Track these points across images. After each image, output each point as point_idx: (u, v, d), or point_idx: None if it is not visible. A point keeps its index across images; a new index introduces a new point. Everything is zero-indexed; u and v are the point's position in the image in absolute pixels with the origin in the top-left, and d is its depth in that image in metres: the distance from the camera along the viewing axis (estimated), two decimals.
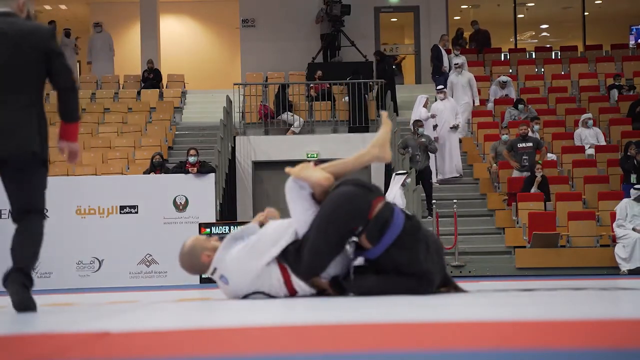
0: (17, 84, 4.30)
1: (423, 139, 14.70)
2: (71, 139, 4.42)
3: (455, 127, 15.78)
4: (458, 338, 2.47)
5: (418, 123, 15.08)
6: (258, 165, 16.80)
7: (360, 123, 17.28)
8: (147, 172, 13.94)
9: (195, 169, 13.35)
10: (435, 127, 15.72)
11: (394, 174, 13.12)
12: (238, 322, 3.34)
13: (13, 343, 2.75)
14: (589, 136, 16.00)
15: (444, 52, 18.40)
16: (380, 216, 4.50)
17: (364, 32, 20.59)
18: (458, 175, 15.71)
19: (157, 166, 13.83)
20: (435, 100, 16.30)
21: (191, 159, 13.41)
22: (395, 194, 12.36)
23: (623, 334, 2.53)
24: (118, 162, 15.58)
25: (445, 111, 15.86)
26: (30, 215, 4.46)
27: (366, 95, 17.55)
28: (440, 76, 18.04)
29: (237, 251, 4.65)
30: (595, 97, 17.93)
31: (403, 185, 12.77)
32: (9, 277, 4.26)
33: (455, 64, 17.30)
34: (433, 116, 15.64)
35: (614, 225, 13.02)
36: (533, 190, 14.13)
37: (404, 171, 13.14)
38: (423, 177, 14.52)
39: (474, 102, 17.33)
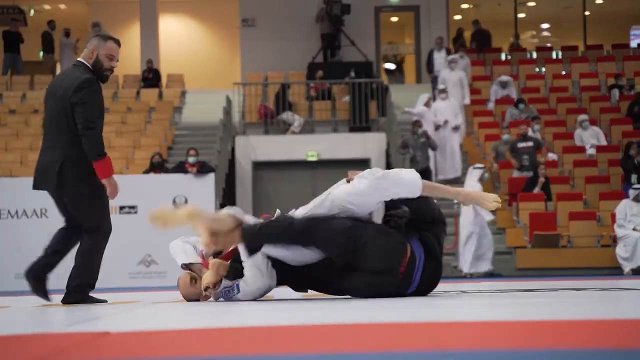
0: (55, 131, 5.32)
1: (422, 139, 14.68)
2: (100, 176, 5.27)
3: (456, 128, 15.73)
4: (458, 338, 2.46)
5: (417, 123, 15.05)
6: (258, 165, 16.81)
7: (361, 123, 17.30)
8: (146, 172, 13.93)
9: (194, 169, 13.33)
10: (437, 128, 15.70)
11: (470, 168, 13.02)
12: (238, 322, 3.34)
13: (13, 343, 2.75)
14: (589, 137, 15.99)
15: (437, 54, 18.30)
16: (403, 284, 4.61)
17: (364, 32, 20.58)
18: (458, 175, 15.70)
19: (157, 166, 13.82)
20: (435, 99, 16.27)
21: (191, 159, 13.40)
22: (470, 188, 12.36)
23: (623, 334, 2.53)
24: (117, 162, 15.56)
25: (446, 111, 15.82)
26: (82, 234, 5.47)
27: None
28: (433, 78, 18.08)
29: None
30: (596, 97, 17.93)
31: (480, 180, 12.70)
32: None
33: (449, 60, 17.22)
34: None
35: (615, 225, 13.00)
36: (536, 190, 14.12)
37: (481, 165, 13.03)
38: (423, 177, 14.48)
39: (466, 104, 17.24)
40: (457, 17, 23.05)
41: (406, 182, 4.61)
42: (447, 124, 15.72)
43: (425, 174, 14.58)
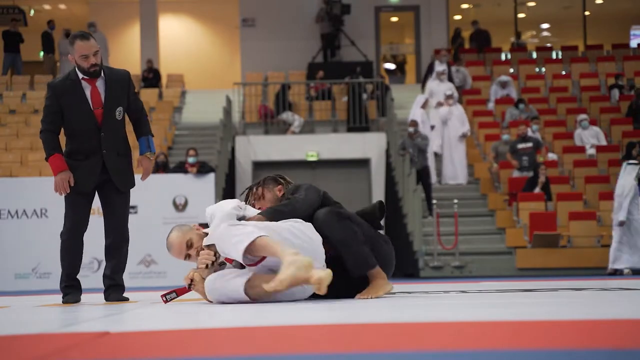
0: None
1: (418, 140, 14.67)
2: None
3: (464, 135, 15.49)
4: (458, 338, 2.46)
5: (411, 123, 15.04)
6: (258, 165, 16.81)
7: (359, 123, 17.29)
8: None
9: (194, 168, 13.34)
10: (433, 127, 15.62)
11: (624, 164, 12.70)
12: (238, 322, 3.34)
13: (13, 343, 2.75)
14: (589, 136, 15.99)
15: (438, 66, 17.78)
16: None
17: (364, 32, 20.60)
18: (462, 182, 15.57)
19: (161, 166, 13.83)
20: (442, 105, 15.98)
21: (190, 160, 13.40)
22: (625, 185, 12.17)
23: (623, 334, 2.53)
24: None
25: (453, 118, 15.59)
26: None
27: (364, 95, 17.54)
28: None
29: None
30: (596, 97, 17.93)
31: (637, 177, 12.39)
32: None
33: (437, 71, 16.71)
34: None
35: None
36: (537, 190, 14.11)
37: (636, 162, 12.73)
38: (421, 177, 14.48)
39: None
40: (457, 17, 23.06)
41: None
42: (452, 131, 15.51)
43: (422, 174, 14.55)
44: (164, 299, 4.74)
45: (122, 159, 5.57)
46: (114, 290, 5.61)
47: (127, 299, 5.59)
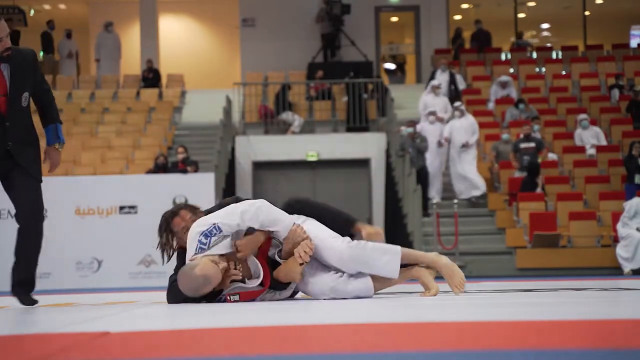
0: None
1: (417, 141, 14.66)
2: None
3: (465, 146, 14.80)
4: (458, 338, 2.46)
5: (408, 123, 15.00)
6: (258, 165, 16.81)
7: (359, 123, 17.29)
8: (150, 172, 13.97)
9: (193, 167, 13.42)
10: (440, 144, 15.15)
11: None
12: (238, 322, 3.34)
13: (13, 343, 2.74)
14: (589, 136, 15.98)
15: (440, 75, 17.36)
16: None
17: (364, 32, 20.59)
18: (480, 193, 14.80)
19: (161, 167, 13.86)
20: (441, 121, 15.47)
21: (179, 157, 13.63)
22: None
23: (623, 334, 2.53)
24: (117, 162, 15.57)
25: (461, 129, 14.96)
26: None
27: (365, 95, 17.54)
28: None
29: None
30: (596, 97, 17.92)
31: None
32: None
33: (432, 85, 16.23)
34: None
35: (618, 224, 12.88)
36: (538, 190, 14.09)
37: None
38: (419, 176, 14.45)
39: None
40: (457, 17, 23.05)
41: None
42: (459, 144, 14.84)
43: (420, 174, 14.54)
44: (229, 298, 4.62)
45: (30, 149, 5.01)
46: (23, 288, 5.05)
47: (35, 302, 5.03)
